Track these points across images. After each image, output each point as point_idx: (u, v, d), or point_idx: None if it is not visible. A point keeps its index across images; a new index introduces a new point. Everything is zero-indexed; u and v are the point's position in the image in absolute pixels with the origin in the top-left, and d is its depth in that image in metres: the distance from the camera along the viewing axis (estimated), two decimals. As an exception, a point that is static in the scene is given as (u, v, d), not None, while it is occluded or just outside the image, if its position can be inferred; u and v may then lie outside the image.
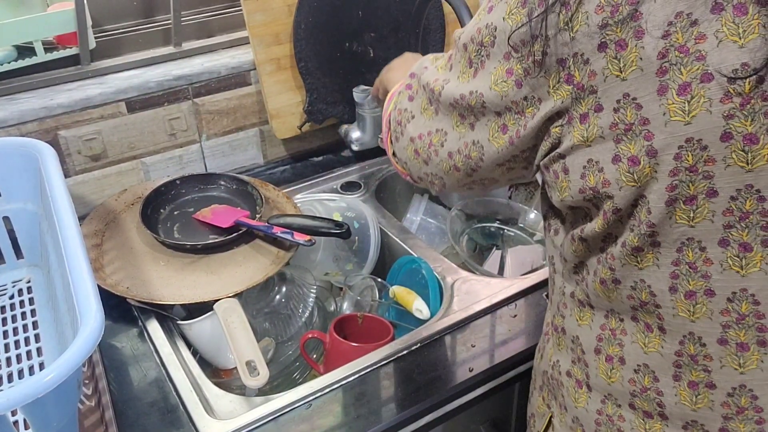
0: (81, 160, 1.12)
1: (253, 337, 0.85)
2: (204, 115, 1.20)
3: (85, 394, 0.76)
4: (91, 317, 0.60)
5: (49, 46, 1.12)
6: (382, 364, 0.83)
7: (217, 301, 0.88)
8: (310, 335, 0.94)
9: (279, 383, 0.94)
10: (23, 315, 0.93)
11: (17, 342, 0.88)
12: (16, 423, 0.76)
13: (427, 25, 1.31)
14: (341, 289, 1.08)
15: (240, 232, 1.00)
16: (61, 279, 0.78)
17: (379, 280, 1.05)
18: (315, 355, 0.98)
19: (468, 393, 0.82)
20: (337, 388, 0.80)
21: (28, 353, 0.87)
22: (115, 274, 0.94)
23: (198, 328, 0.89)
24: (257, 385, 0.82)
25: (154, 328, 0.90)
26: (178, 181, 1.10)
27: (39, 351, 0.87)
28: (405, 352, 0.85)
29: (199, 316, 0.88)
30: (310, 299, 1.00)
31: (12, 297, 0.96)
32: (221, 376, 0.92)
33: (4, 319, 0.92)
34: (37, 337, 0.89)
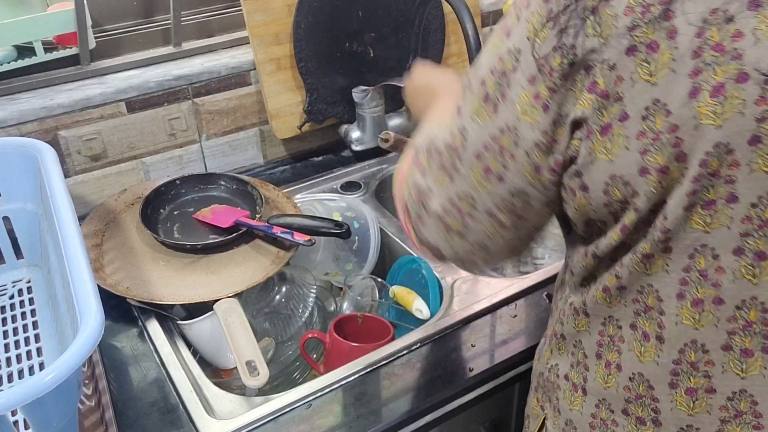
0: (81, 160, 1.12)
1: (253, 337, 0.85)
2: (204, 115, 1.20)
3: (85, 394, 0.76)
4: (91, 317, 0.60)
5: (49, 46, 1.12)
6: (382, 364, 0.83)
7: (217, 301, 0.88)
8: (310, 335, 0.94)
9: (279, 383, 0.94)
10: (23, 315, 0.93)
11: (17, 342, 0.88)
12: (16, 423, 0.76)
13: (427, 25, 1.31)
14: (341, 289, 1.08)
15: (240, 232, 1.00)
16: (61, 279, 0.78)
17: (379, 280, 1.05)
18: (315, 355, 0.98)
19: (468, 393, 0.82)
20: (337, 388, 0.80)
21: (28, 353, 0.87)
22: (115, 274, 0.94)
23: (198, 328, 0.89)
24: (257, 385, 0.82)
25: (154, 328, 0.90)
26: (178, 181, 1.10)
27: (39, 351, 0.87)
28: (405, 352, 0.85)
29: (199, 316, 0.88)
30: (310, 299, 1.00)
31: (12, 297, 0.96)
32: (221, 376, 0.92)
33: (4, 319, 0.92)
34: (37, 337, 0.89)
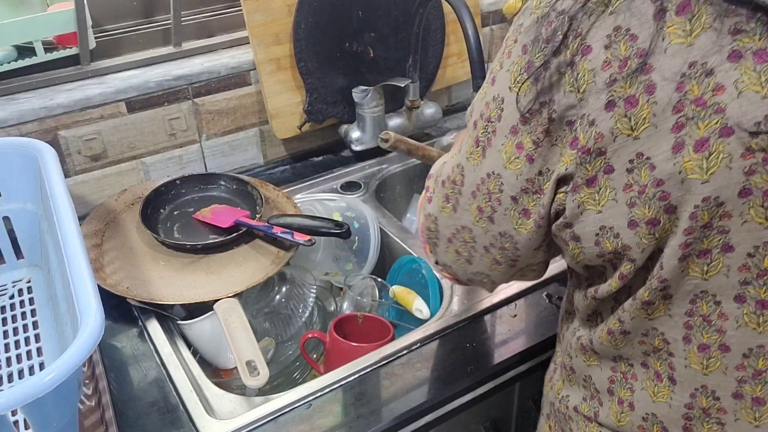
0: (81, 160, 1.12)
1: (253, 337, 0.85)
2: (204, 115, 1.20)
3: (85, 394, 0.76)
4: (91, 317, 0.60)
5: (49, 46, 1.12)
6: (382, 364, 0.83)
7: (217, 301, 0.88)
8: (310, 335, 0.94)
9: (279, 383, 0.94)
10: (23, 315, 0.93)
11: (17, 342, 0.88)
12: (16, 423, 0.76)
13: (427, 25, 1.31)
14: (341, 289, 1.08)
15: (240, 232, 1.00)
16: (61, 279, 0.78)
17: (379, 280, 1.05)
18: (315, 355, 0.98)
19: (468, 393, 0.82)
20: (337, 388, 0.80)
21: (28, 353, 0.87)
22: (115, 274, 0.94)
23: (198, 328, 0.89)
24: (257, 385, 0.82)
25: (154, 328, 0.90)
26: (178, 181, 1.10)
27: (39, 351, 0.87)
28: (405, 352, 0.85)
29: (199, 316, 0.88)
30: (310, 299, 1.00)
31: (12, 297, 0.96)
32: (221, 376, 0.92)
33: (4, 319, 0.92)
34: (37, 337, 0.89)
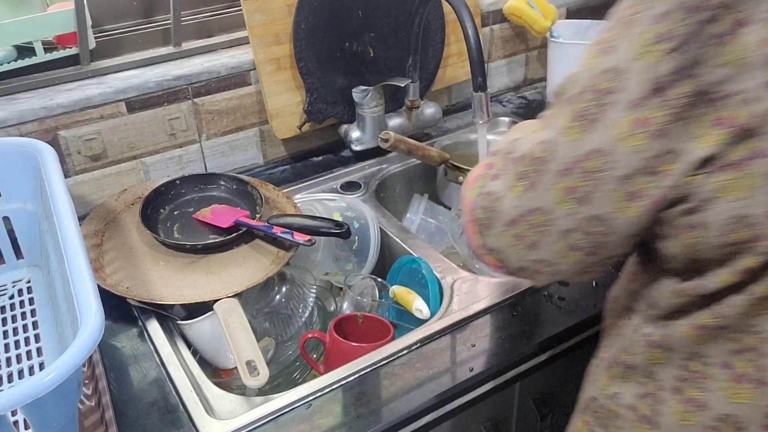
0: (81, 160, 1.12)
1: (253, 337, 0.85)
2: (204, 115, 1.20)
3: (85, 394, 0.76)
4: (91, 317, 0.60)
5: (48, 46, 1.12)
6: (382, 364, 0.83)
7: (217, 301, 0.88)
8: (310, 335, 0.94)
9: (279, 383, 0.94)
10: (23, 315, 0.93)
11: (17, 342, 0.88)
12: (16, 423, 0.76)
13: (427, 25, 1.31)
14: (341, 289, 1.08)
15: (240, 232, 1.00)
16: (61, 279, 0.78)
17: (379, 280, 1.05)
18: (315, 355, 0.98)
19: (468, 393, 0.82)
20: (337, 388, 0.80)
21: (28, 353, 0.87)
22: (115, 274, 0.94)
23: (198, 328, 0.88)
24: (257, 385, 0.82)
25: (154, 328, 0.90)
26: (178, 181, 1.10)
27: (39, 351, 0.87)
28: (405, 352, 0.85)
29: (199, 316, 0.88)
30: (310, 299, 1.00)
31: (12, 297, 0.96)
32: (221, 376, 0.92)
33: (4, 319, 0.92)
34: (37, 337, 0.89)
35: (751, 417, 0.53)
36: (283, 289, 1.02)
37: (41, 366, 0.85)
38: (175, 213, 1.08)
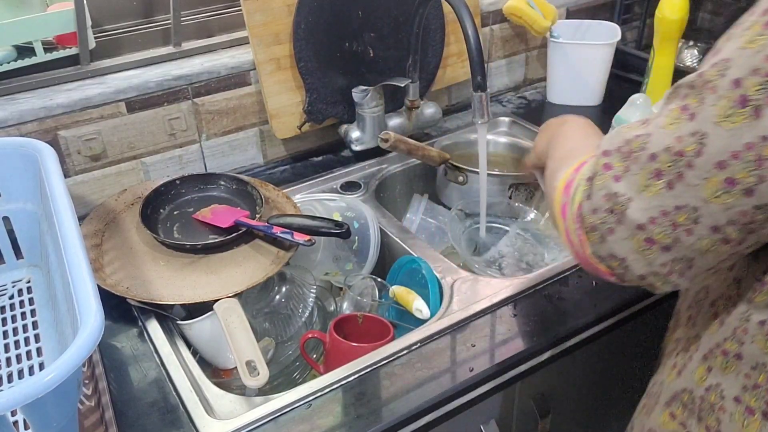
0: (81, 160, 1.12)
1: (253, 337, 0.85)
2: (204, 115, 1.20)
3: (85, 394, 0.76)
4: (91, 317, 0.60)
5: (48, 46, 1.12)
6: (382, 364, 0.83)
7: (217, 301, 0.88)
8: (310, 335, 0.94)
9: (279, 383, 0.94)
10: (23, 315, 0.93)
11: (17, 342, 0.88)
12: (16, 423, 0.76)
13: (427, 25, 1.31)
14: (341, 289, 1.08)
15: (240, 232, 1.00)
16: (61, 279, 0.78)
17: (379, 280, 1.05)
18: (315, 355, 0.98)
19: (468, 393, 0.82)
20: (337, 388, 0.80)
21: (28, 353, 0.87)
22: (115, 274, 0.94)
23: (198, 328, 0.89)
24: (257, 385, 0.82)
25: (154, 328, 0.90)
26: (177, 181, 1.10)
27: (39, 351, 0.87)
28: (405, 352, 0.85)
29: (199, 316, 0.88)
30: (310, 299, 1.00)
31: (12, 297, 0.96)
32: (221, 376, 0.92)
33: (4, 319, 0.92)
34: (37, 337, 0.89)
35: None
36: (283, 289, 1.02)
37: (41, 366, 0.85)
38: (175, 213, 1.08)
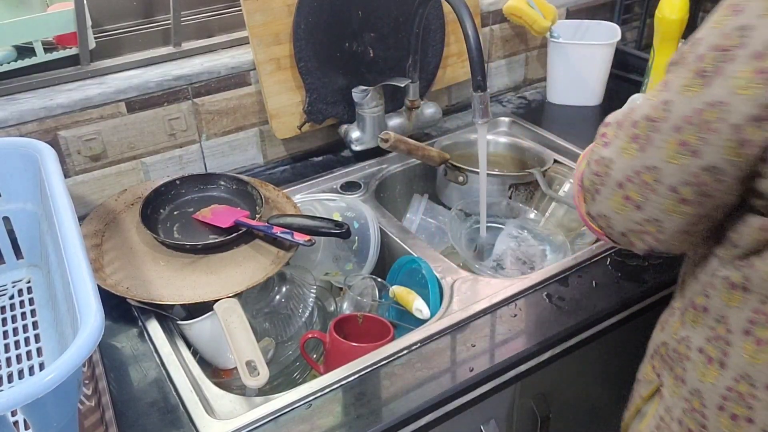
0: (81, 160, 1.12)
1: (253, 337, 0.85)
2: (204, 115, 1.20)
3: (85, 394, 0.76)
4: (91, 317, 0.60)
5: (48, 47, 1.12)
6: (382, 364, 0.83)
7: (217, 301, 0.88)
8: (310, 335, 0.94)
9: (279, 383, 0.94)
10: (23, 315, 0.93)
11: (17, 342, 0.88)
12: (16, 423, 0.76)
13: (427, 25, 1.31)
14: (341, 289, 1.08)
15: (240, 232, 1.00)
16: (61, 279, 0.78)
17: (379, 280, 1.05)
18: (315, 355, 0.98)
19: (468, 393, 0.82)
20: (337, 388, 0.80)
21: (28, 353, 0.87)
22: (115, 274, 0.94)
23: (198, 328, 0.89)
24: (257, 385, 0.82)
25: (154, 328, 0.90)
26: (177, 181, 1.10)
27: (39, 351, 0.87)
28: (405, 352, 0.85)
29: (199, 316, 0.88)
30: (310, 299, 1.00)
31: (12, 297, 0.96)
32: (221, 376, 0.92)
33: (4, 319, 0.92)
34: (37, 337, 0.89)
35: None
36: (283, 289, 1.02)
37: (41, 366, 0.85)
38: (175, 213, 1.08)
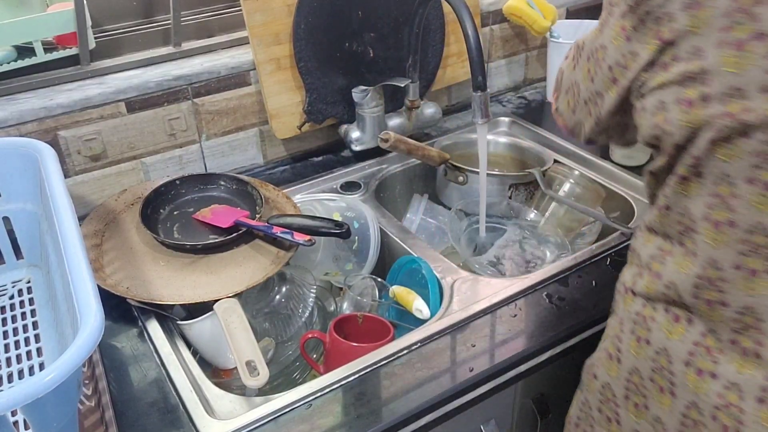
0: (81, 160, 1.12)
1: (253, 337, 0.85)
2: (204, 115, 1.20)
3: (85, 394, 0.76)
4: (91, 317, 0.60)
5: (48, 47, 1.12)
6: (382, 364, 0.83)
7: (217, 301, 0.88)
8: (310, 335, 0.94)
9: (279, 383, 0.94)
10: (23, 315, 0.93)
11: (17, 342, 0.88)
12: (16, 423, 0.76)
13: (427, 25, 1.31)
14: (341, 289, 1.08)
15: (240, 232, 1.00)
16: (61, 279, 0.78)
17: (379, 280, 1.05)
18: (315, 355, 0.98)
19: (468, 393, 0.82)
20: (337, 388, 0.80)
21: (28, 353, 0.87)
22: (115, 274, 0.94)
23: (198, 328, 0.89)
24: (257, 385, 0.82)
25: (154, 328, 0.90)
26: (177, 181, 1.10)
27: (39, 351, 0.87)
28: (405, 352, 0.85)
29: (199, 316, 0.88)
30: (310, 299, 1.00)
31: (12, 297, 0.96)
32: (221, 376, 0.92)
33: (4, 319, 0.92)
34: (37, 337, 0.89)
35: (685, 284, 0.65)
36: (283, 289, 1.02)
37: (41, 366, 0.85)
38: (175, 213, 1.08)
